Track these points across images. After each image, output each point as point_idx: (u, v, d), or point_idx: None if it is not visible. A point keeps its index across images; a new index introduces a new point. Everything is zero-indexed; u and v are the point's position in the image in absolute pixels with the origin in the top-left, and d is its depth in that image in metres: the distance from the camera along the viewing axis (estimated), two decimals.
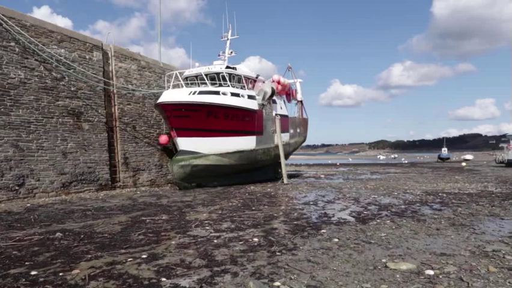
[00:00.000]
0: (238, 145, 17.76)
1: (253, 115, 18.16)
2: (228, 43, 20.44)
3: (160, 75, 19.53)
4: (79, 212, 10.12)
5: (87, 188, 15.09)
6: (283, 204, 11.71)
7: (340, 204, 11.41)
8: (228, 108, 16.73)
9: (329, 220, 8.64)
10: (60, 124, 14.25)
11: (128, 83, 17.69)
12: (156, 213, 9.68)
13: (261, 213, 9.68)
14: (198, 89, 16.40)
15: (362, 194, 14.11)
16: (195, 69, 18.79)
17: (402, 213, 9.46)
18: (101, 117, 16.05)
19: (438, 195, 13.77)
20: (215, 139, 16.92)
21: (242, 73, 18.72)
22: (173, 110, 15.68)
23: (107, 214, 9.64)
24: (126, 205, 11.46)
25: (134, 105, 17.99)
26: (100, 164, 15.79)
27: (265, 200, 12.53)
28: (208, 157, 16.90)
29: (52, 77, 14.08)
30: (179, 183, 16.58)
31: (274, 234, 7.04)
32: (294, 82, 24.45)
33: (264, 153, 19.58)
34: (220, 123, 16.72)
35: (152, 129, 18.99)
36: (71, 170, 14.48)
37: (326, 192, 14.99)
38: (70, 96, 14.75)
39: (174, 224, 8.17)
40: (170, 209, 10.65)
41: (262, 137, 19.19)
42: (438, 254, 5.47)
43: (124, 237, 6.80)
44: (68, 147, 14.47)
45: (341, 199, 12.78)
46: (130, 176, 17.39)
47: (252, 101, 18.21)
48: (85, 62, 15.54)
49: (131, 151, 17.58)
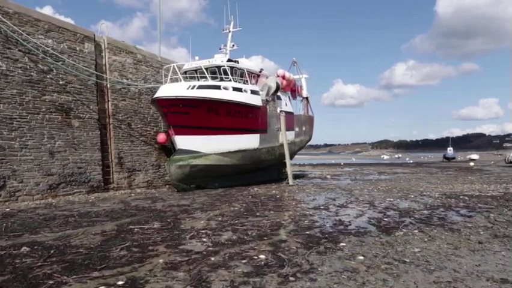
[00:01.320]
0: (241, 144, 16.55)
1: (256, 112, 16.95)
2: (230, 35, 19.26)
3: (158, 69, 18.36)
4: (60, 218, 8.95)
5: (77, 190, 13.93)
6: (291, 209, 10.51)
7: (354, 209, 10.20)
8: (229, 104, 15.53)
9: (346, 229, 7.44)
10: (47, 121, 13.09)
11: (123, 77, 16.53)
12: (147, 220, 8.50)
13: (266, 220, 8.49)
14: (197, 83, 15.21)
15: (376, 197, 12.90)
16: (194, 62, 17.61)
17: (429, 221, 8.25)
18: (93, 113, 14.89)
19: (459, 198, 12.54)
20: (216, 137, 15.71)
21: (245, 67, 17.52)
22: (171, 106, 14.49)
23: (91, 221, 8.47)
24: (116, 210, 10.29)
25: (130, 101, 16.82)
26: (92, 164, 14.63)
27: (270, 204, 11.34)
28: (208, 157, 15.70)
29: (38, 70, 12.93)
30: (177, 184, 15.40)
31: (284, 249, 5.84)
32: (299, 78, 23.21)
33: (268, 153, 18.37)
34: (221, 120, 15.52)
35: (149, 127, 17.82)
36: (59, 170, 13.32)
37: (336, 195, 13.78)
38: (58, 91, 13.59)
39: (166, 234, 6.99)
40: (165, 214, 9.47)
41: (266, 135, 17.97)
42: (499, 281, 4.26)
43: (103, 253, 5.61)
44: (55, 145, 13.31)
45: (353, 203, 11.57)
46: (125, 177, 16.22)
47: (256, 96, 17.00)
48: (75, 54, 14.39)
49: (126, 150, 16.42)
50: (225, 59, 17.25)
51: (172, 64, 15.62)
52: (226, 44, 19.04)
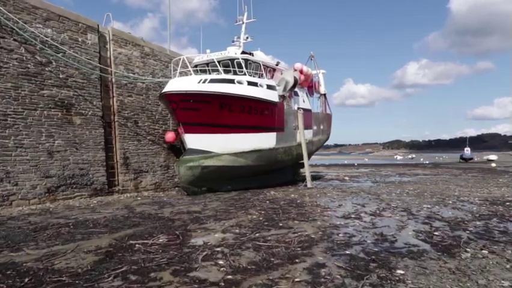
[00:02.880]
0: (256, 143, 15.20)
1: (273, 108, 15.59)
2: (244, 27, 17.93)
3: (167, 64, 17.13)
4: (53, 228, 7.74)
5: (78, 194, 12.76)
6: (318, 217, 9.12)
7: (392, 219, 8.78)
8: (244, 100, 14.20)
9: (394, 247, 6.04)
10: (45, 117, 11.94)
11: (130, 71, 15.34)
12: (152, 233, 7.22)
13: (293, 233, 7.14)
14: (209, 77, 13.91)
15: (409, 203, 11.44)
16: (205, 55, 16.32)
17: (491, 236, 6.80)
18: (96, 110, 13.72)
19: (506, 204, 11.01)
20: (229, 136, 14.39)
21: (260, 60, 16.18)
22: (180, 102, 13.22)
23: (86, 233, 7.22)
24: (118, 218, 9.05)
25: (136, 97, 15.63)
26: (95, 165, 13.45)
27: (292, 210, 9.97)
28: (221, 157, 14.40)
29: (36, 62, 11.78)
30: (187, 187, 14.13)
31: (326, 277, 4.49)
32: (316, 73, 21.76)
33: (285, 153, 16.98)
34: (235, 117, 14.20)
35: (157, 125, 16.61)
36: (58, 172, 12.16)
37: (363, 200, 12.35)
38: (58, 85, 12.44)
39: (173, 253, 5.68)
40: (173, 224, 8.19)
41: (283, 133, 16.59)
42: None
43: (91, 282, 4.33)
44: (55, 145, 12.15)
45: (387, 210, 10.14)
46: (131, 178, 15.01)
47: (272, 91, 15.64)
48: (77, 45, 13.23)
49: (133, 150, 15.22)
50: (238, 51, 15.92)
51: (182, 56, 14.34)
52: (240, 36, 17.71)
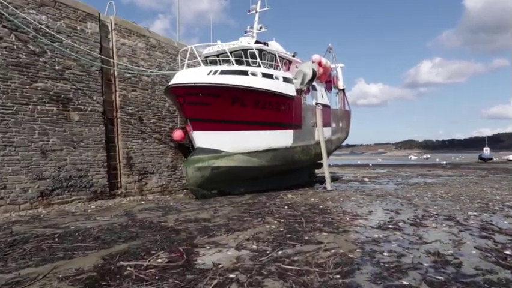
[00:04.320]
0: (272, 141, 13.80)
1: (290, 103, 14.19)
2: (257, 16, 16.56)
3: (175, 56, 15.89)
4: (34, 241, 6.48)
5: (76, 198, 11.55)
6: (349, 227, 7.70)
7: (439, 230, 7.30)
8: (258, 93, 12.83)
9: (462, 274, 4.59)
10: (38, 113, 10.76)
11: (134, 64, 14.12)
12: (150, 248, 5.90)
13: (324, 250, 5.74)
14: (220, 68, 12.58)
15: (450, 209, 9.92)
16: (215, 46, 15.01)
17: None
18: (96, 105, 12.51)
19: None
20: (242, 133, 13.04)
21: (276, 50, 14.80)
22: (188, 95, 11.92)
23: (71, 249, 5.93)
24: (114, 227, 7.77)
25: (141, 92, 14.40)
26: (95, 166, 12.24)
27: (317, 218, 8.56)
28: (233, 157, 13.05)
29: (28, 51, 10.61)
30: (196, 190, 12.83)
31: None
32: (335, 67, 20.26)
33: (303, 152, 15.55)
34: (248, 112, 12.85)
35: (164, 123, 15.36)
36: (53, 173, 10.97)
37: (394, 205, 10.88)
38: (54, 77, 11.26)
39: (173, 281, 4.34)
40: (177, 236, 6.86)
41: (301, 131, 15.17)
42: None
43: None
44: (49, 143, 10.97)
45: (428, 218, 8.65)
46: (135, 180, 13.77)
47: (289, 85, 14.24)
48: (76, 34, 12.04)
49: (137, 149, 13.98)
50: (252, 41, 14.57)
51: (190, 46, 13.04)
52: (253, 26, 16.35)
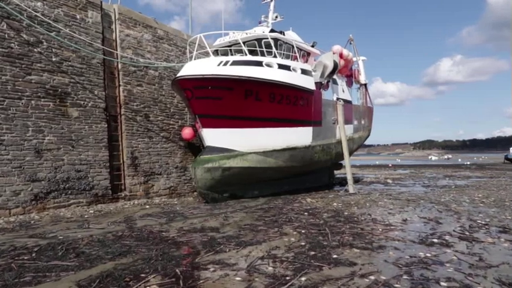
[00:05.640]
0: (289, 140, 12.54)
1: (309, 97, 12.89)
2: (272, 5, 15.34)
3: (184, 49, 14.80)
4: (7, 256, 5.43)
5: (74, 201, 10.55)
6: (384, 241, 6.37)
7: (500, 247, 5.92)
8: (275, 86, 11.60)
9: None
10: (32, 108, 9.80)
11: (140, 56, 13.10)
12: (141, 269, 4.74)
13: (361, 276, 4.47)
14: (232, 58, 11.40)
15: (499, 218, 8.46)
16: (227, 37, 13.84)
17: None
18: (98, 101, 11.52)
19: None
20: (256, 131, 11.84)
21: (293, 40, 13.53)
22: (196, 89, 10.78)
23: (45, 268, 4.83)
24: (107, 237, 6.67)
25: (148, 87, 13.36)
26: (96, 166, 11.24)
27: (343, 229, 7.27)
28: (246, 157, 11.86)
29: (21, 41, 9.66)
30: (206, 193, 11.68)
31: None
32: (356, 60, 18.82)
33: (323, 152, 14.22)
34: (263, 107, 11.64)
35: (172, 120, 14.29)
36: (48, 174, 9.99)
37: (430, 212, 9.47)
38: (50, 70, 10.29)
39: None
40: (177, 251, 5.70)
41: (321, 128, 13.86)
42: None
43: None
44: (44, 142, 10.00)
45: (477, 229, 7.25)
46: (140, 182, 12.73)
47: (308, 77, 12.95)
48: (75, 23, 11.06)
49: (143, 149, 12.94)
50: (267, 30, 13.34)
51: (199, 35, 11.90)
52: (268, 15, 15.12)
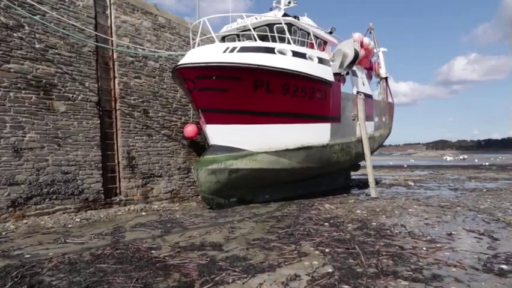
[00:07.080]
0: (305, 138, 11.06)
1: (327, 89, 11.40)
2: None
3: (188, 39, 13.45)
4: None
5: (60, 207, 9.25)
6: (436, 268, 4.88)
7: None
8: (288, 76, 10.14)
9: None
10: (11, 101, 8.53)
11: (138, 46, 11.79)
12: None
13: None
14: (239, 44, 9.99)
15: None
16: (235, 23, 12.44)
17: None
18: (89, 93, 10.22)
19: None
20: (267, 127, 10.39)
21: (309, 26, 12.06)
22: (199, 79, 9.40)
23: None
24: (81, 258, 5.32)
25: (147, 80, 12.04)
26: (86, 168, 9.93)
27: (378, 247, 5.79)
28: (256, 157, 10.42)
29: None
30: (210, 198, 10.28)
31: None
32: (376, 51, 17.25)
33: (342, 151, 12.70)
34: (275, 100, 10.20)
35: (175, 116, 12.95)
36: (29, 177, 8.71)
37: (475, 222, 7.94)
38: (33, 58, 9.02)
39: None
40: (164, 281, 4.31)
41: (340, 125, 12.34)
42: None
43: None
44: (25, 139, 8.72)
45: None
46: (138, 185, 11.40)
47: (325, 67, 11.45)
48: (63, 6, 9.78)
49: (141, 148, 11.62)
50: (279, 14, 11.91)
51: (203, 18, 10.50)
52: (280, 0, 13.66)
